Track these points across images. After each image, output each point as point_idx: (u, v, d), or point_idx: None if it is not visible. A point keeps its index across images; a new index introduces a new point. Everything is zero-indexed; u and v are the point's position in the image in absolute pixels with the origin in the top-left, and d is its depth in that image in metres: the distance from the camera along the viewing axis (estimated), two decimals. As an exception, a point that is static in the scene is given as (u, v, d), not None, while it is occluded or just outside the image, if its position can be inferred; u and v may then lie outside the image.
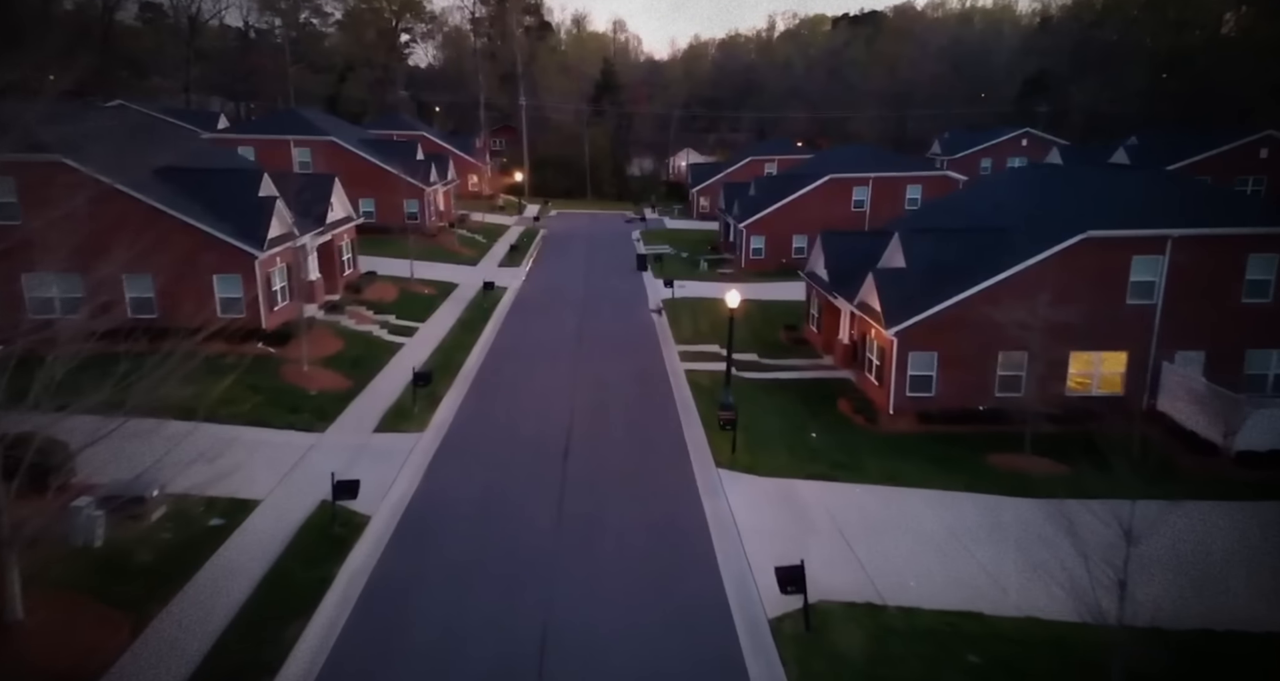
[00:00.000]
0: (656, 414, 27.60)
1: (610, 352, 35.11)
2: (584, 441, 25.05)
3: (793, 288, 50.30)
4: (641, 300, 46.68)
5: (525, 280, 51.50)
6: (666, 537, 19.31)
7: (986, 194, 37.29)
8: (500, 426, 26.23)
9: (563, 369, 32.60)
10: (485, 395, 29.16)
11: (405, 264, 46.08)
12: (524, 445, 24.66)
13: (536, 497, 21.22)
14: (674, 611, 16.27)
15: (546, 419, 26.82)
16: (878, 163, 59.18)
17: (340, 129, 61.74)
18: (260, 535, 18.56)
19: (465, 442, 24.85)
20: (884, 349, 28.70)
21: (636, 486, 22.03)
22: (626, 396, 29.31)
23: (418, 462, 23.11)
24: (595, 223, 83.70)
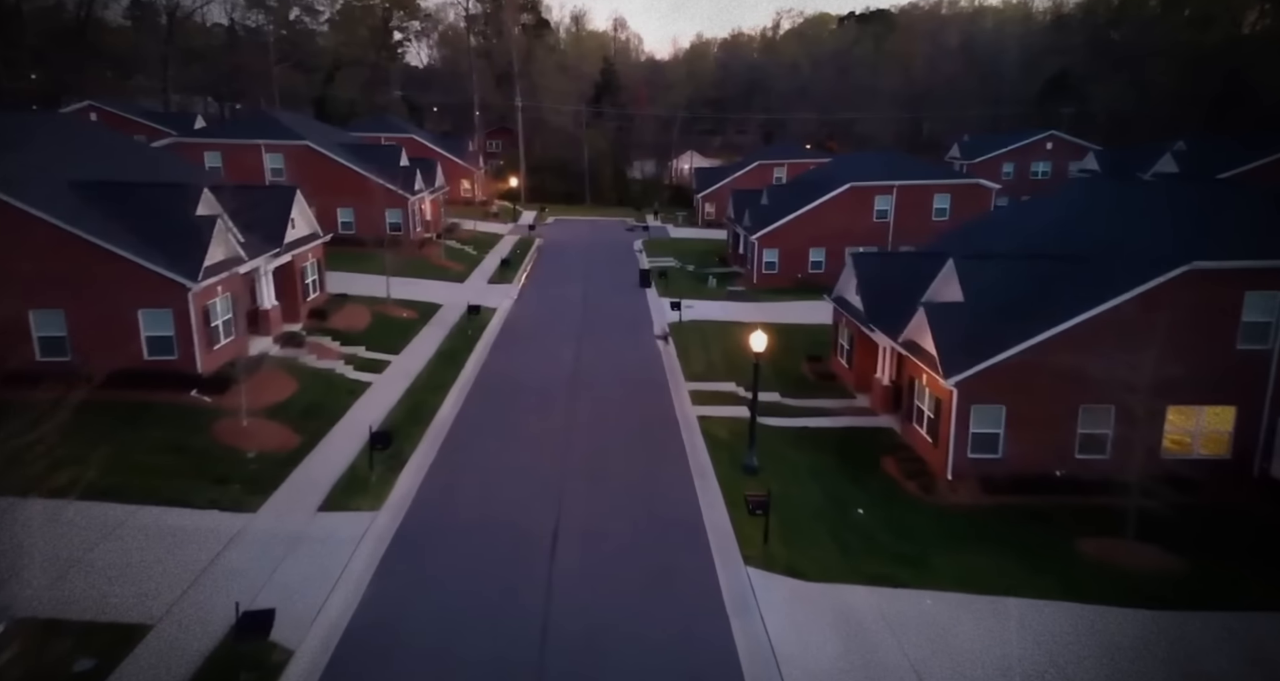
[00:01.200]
0: (667, 483, 22.73)
1: (611, 394, 30.29)
2: (577, 525, 20.24)
3: (812, 308, 45.60)
4: (645, 323, 41.90)
5: (517, 300, 46.70)
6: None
7: (1043, 212, 32.48)
8: (473, 502, 21.41)
9: (555, 417, 27.78)
10: (459, 456, 24.32)
11: (384, 282, 41.27)
12: (501, 531, 19.83)
13: (512, 617, 16.40)
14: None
15: (532, 491, 21.98)
16: (901, 169, 54.39)
17: (317, 132, 56.95)
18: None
19: (428, 528, 20.03)
20: (940, 400, 23.89)
21: (644, 594, 17.23)
22: (630, 457, 24.47)
23: (363, 564, 18.23)
24: (595, 231, 78.93)
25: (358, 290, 42.17)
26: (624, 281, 52.66)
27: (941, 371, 23.13)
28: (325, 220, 53.90)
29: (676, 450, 25.01)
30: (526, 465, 23.51)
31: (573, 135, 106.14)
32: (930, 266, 28.65)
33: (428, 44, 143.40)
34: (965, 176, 55.05)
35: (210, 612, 15.76)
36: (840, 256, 53.57)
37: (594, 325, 41.14)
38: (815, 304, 46.50)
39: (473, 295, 46.03)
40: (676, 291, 49.70)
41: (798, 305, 46.59)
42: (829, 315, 42.05)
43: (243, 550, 18.27)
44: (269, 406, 25.90)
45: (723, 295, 49.09)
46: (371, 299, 40.83)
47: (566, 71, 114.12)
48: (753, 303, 47.30)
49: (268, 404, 26.00)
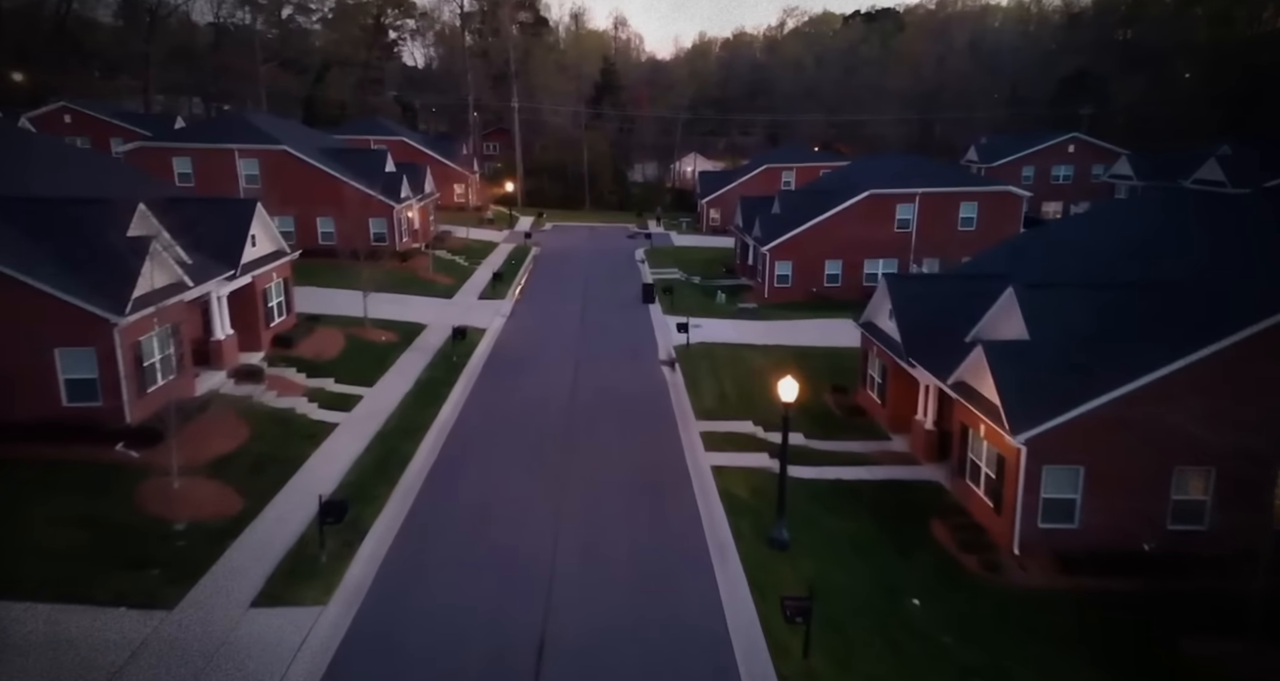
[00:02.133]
0: (681, 569, 18.70)
1: (611, 440, 26.43)
2: (570, 634, 16.39)
3: (831, 328, 41.86)
4: (649, 346, 38.09)
5: (509, 318, 42.87)
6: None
7: (1109, 227, 28.63)
8: (443, 590, 17.56)
9: (545, 472, 23.93)
10: (429, 525, 20.44)
11: (364, 299, 37.42)
12: (474, 638, 16.01)
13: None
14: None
15: (514, 581, 18.02)
16: (924, 175, 50.57)
17: (296, 136, 53.17)
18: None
19: (386, 628, 16.22)
20: (1004, 458, 20.07)
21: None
22: (635, 529, 20.49)
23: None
24: (594, 238, 75.12)
25: (333, 309, 38.41)
26: (626, 296, 48.85)
27: (1007, 425, 19.31)
28: (304, 231, 50.27)
29: (690, 517, 21.13)
30: (509, 544, 19.58)
31: (572, 137, 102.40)
32: (978, 292, 24.90)
33: (423, 43, 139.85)
34: (994, 183, 51.21)
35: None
36: (858, 269, 49.86)
37: (593, 349, 37.32)
38: (833, 323, 42.79)
39: (460, 313, 42.25)
40: (683, 308, 45.90)
41: (814, 324, 42.78)
42: (851, 336, 38.39)
43: (146, 667, 14.47)
44: (211, 460, 22.09)
45: (732, 312, 45.28)
46: (347, 320, 37.03)
47: (565, 71, 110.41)
48: (765, 321, 43.50)
49: (210, 457, 22.20)
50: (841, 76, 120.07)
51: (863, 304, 49.62)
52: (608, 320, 42.98)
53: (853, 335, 39.71)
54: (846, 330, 41.12)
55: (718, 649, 15.65)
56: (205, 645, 15.26)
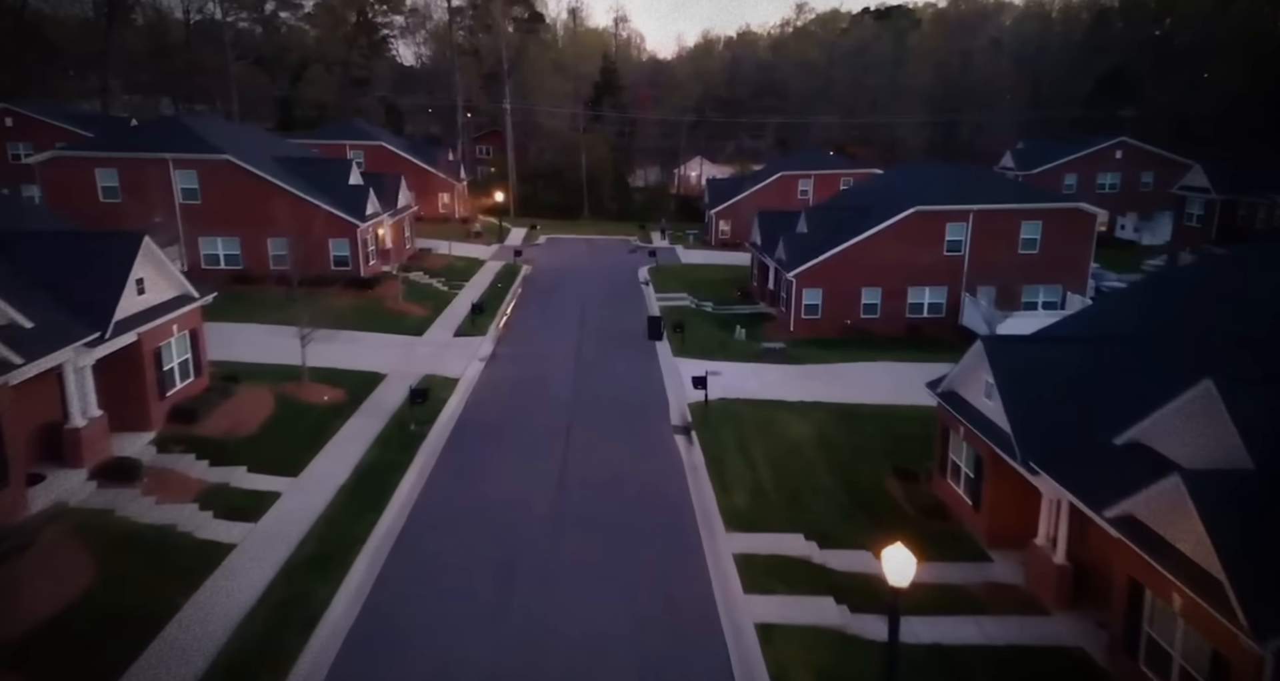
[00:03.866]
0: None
1: (610, 567, 19.12)
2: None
3: (877, 375, 34.78)
4: (659, 404, 30.88)
5: (488, 364, 35.61)
6: None
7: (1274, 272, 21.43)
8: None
9: (514, 628, 16.71)
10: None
11: (308, 342, 30.17)
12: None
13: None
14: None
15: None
16: (977, 188, 43.32)
17: (246, 143, 45.98)
18: None
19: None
20: (1228, 660, 12.84)
21: None
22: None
23: None
24: (593, 253, 67.91)
25: (269, 356, 31.29)
26: (628, 330, 41.62)
27: (1244, 620, 12.07)
28: (252, 254, 43.04)
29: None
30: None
31: (569, 141, 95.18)
32: (1113, 361, 17.79)
33: (414, 41, 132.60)
34: (1061, 198, 43.89)
35: None
36: (900, 299, 42.67)
37: (589, 410, 30.06)
38: (879, 369, 35.63)
39: (430, 357, 35.04)
40: (696, 345, 38.75)
41: (856, 370, 35.57)
42: (904, 387, 31.40)
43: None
44: (12, 639, 14.87)
45: (756, 353, 38.01)
46: (282, 372, 29.84)
47: (562, 70, 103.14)
48: (796, 365, 36.27)
49: (11, 633, 14.98)
50: (854, 76, 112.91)
51: (907, 341, 41.56)
52: (607, 365, 35.75)
53: (906, 385, 32.63)
54: (896, 377, 34.06)
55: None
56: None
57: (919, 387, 32.85)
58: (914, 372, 34.79)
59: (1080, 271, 42.17)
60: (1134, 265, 58.05)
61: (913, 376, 34.32)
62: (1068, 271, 42.01)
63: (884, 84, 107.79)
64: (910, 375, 34.47)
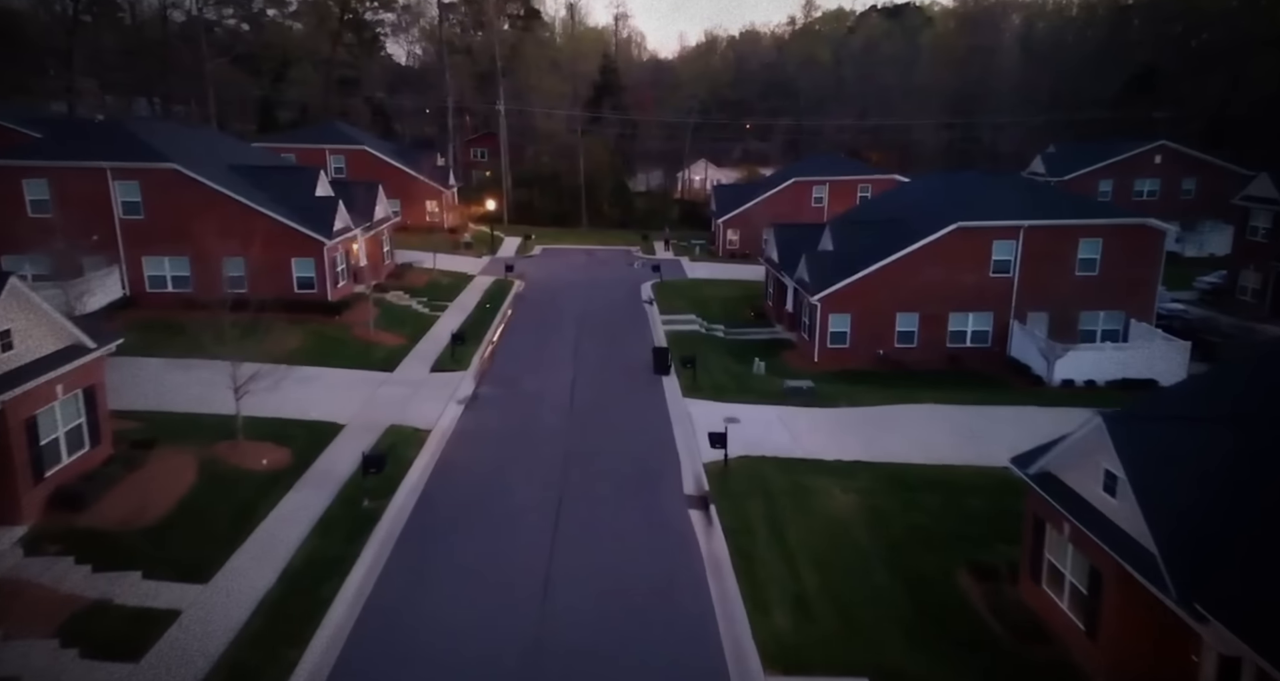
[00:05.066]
0: None
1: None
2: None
3: (923, 422, 29.66)
4: (668, 464, 25.73)
5: (467, 409, 30.39)
6: None
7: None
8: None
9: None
10: None
11: (254, 378, 24.97)
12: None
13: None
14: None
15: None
16: (1027, 201, 38.15)
17: (199, 149, 40.89)
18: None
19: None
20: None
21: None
22: None
23: None
24: (592, 266, 62.81)
25: (206, 403, 26.26)
26: (631, 362, 36.54)
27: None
28: (203, 275, 37.80)
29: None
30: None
31: (567, 144, 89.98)
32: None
33: (407, 40, 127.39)
34: (1124, 214, 38.67)
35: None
36: (940, 326, 37.55)
37: (583, 475, 24.91)
38: (923, 414, 30.44)
39: (400, 400, 29.87)
40: (709, 382, 33.68)
41: (899, 416, 30.37)
42: (957, 439, 26.51)
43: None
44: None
45: (779, 392, 32.84)
46: (215, 426, 24.75)
47: (560, 70, 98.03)
48: (827, 409, 31.12)
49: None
50: (865, 76, 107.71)
51: (949, 375, 35.84)
52: (607, 410, 30.59)
53: (960, 436, 27.62)
54: (946, 425, 28.93)
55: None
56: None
57: (976, 440, 27.83)
58: (965, 419, 29.83)
59: (1146, 297, 37.09)
60: (1184, 282, 52.96)
61: (964, 424, 29.35)
62: (1131, 296, 36.94)
63: (897, 84, 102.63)
64: (961, 422, 29.50)
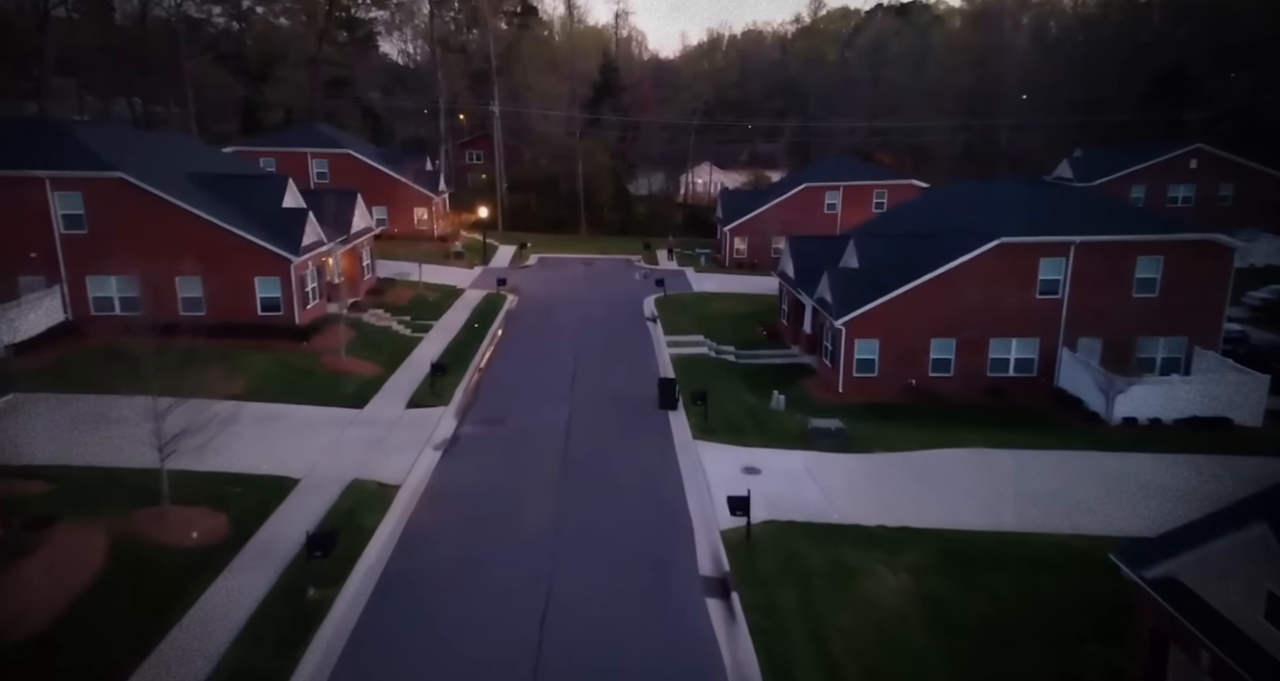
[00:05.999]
0: None
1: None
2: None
3: (965, 466, 25.64)
4: (680, 537, 21.66)
5: (445, 455, 26.32)
6: None
7: None
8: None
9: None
10: None
11: (206, 421, 20.88)
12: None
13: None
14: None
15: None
16: (1081, 215, 34.11)
17: (154, 156, 36.92)
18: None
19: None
20: None
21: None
22: None
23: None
24: (591, 278, 58.82)
25: (138, 456, 22.11)
26: (634, 394, 32.54)
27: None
28: (156, 298, 33.69)
29: None
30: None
31: (565, 146, 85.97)
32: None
33: (401, 38, 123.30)
34: (1186, 227, 34.55)
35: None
36: (980, 354, 33.54)
37: (580, 544, 20.84)
38: (972, 460, 26.34)
39: (366, 446, 25.75)
40: (723, 419, 29.64)
41: (943, 463, 26.28)
42: (1019, 496, 22.48)
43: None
44: None
45: (802, 432, 28.76)
46: (133, 487, 20.70)
47: (558, 69, 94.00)
48: (860, 455, 27.07)
49: None
50: (875, 76, 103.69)
51: (991, 409, 31.76)
52: (607, 458, 26.49)
53: (1021, 491, 23.55)
54: (1001, 476, 24.85)
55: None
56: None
57: (1037, 496, 23.87)
58: (1019, 467, 25.78)
59: (1212, 321, 33.12)
60: (1231, 297, 48.85)
61: (1020, 474, 25.28)
62: (1195, 321, 32.98)
63: (908, 84, 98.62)
64: (1015, 472, 25.48)
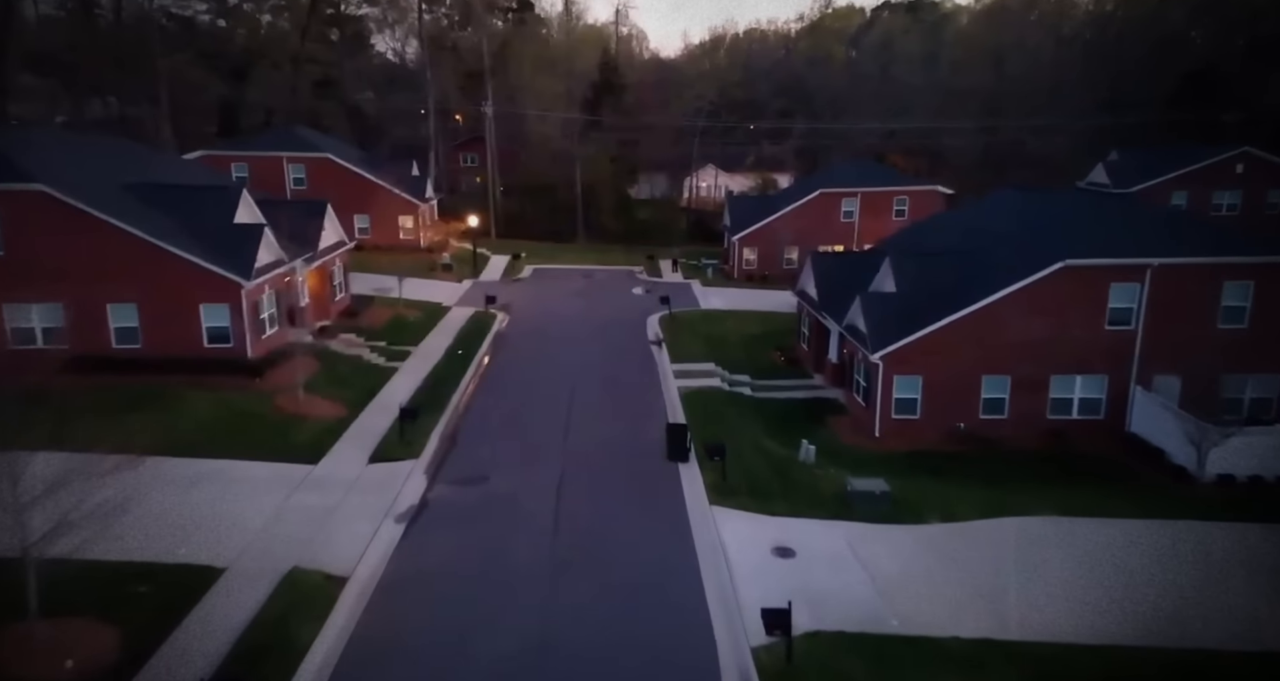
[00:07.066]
0: None
1: None
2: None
3: (1031, 539, 20.92)
4: (699, 648, 17.06)
5: (405, 538, 21.44)
6: None
7: None
8: None
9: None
10: None
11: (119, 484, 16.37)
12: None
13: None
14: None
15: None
16: (1156, 234, 29.58)
17: (85, 166, 32.37)
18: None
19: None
20: None
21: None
22: None
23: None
24: (589, 293, 54.30)
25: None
26: (640, 440, 27.98)
27: None
28: (84, 327, 29.28)
29: None
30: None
31: (563, 150, 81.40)
32: None
33: (392, 37, 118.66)
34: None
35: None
36: (1039, 393, 28.86)
37: (571, 673, 16.33)
38: (1044, 531, 21.56)
39: (314, 518, 20.99)
40: (743, 477, 25.09)
41: (1009, 534, 21.65)
42: (1124, 590, 17.80)
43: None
44: None
45: (840, 495, 24.20)
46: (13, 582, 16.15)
47: (556, 68, 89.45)
48: (914, 526, 22.51)
49: None
50: (885, 75, 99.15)
51: (1054, 459, 26.88)
52: (606, 537, 21.81)
53: (1110, 577, 18.79)
54: (1081, 556, 20.07)
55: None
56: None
57: (1145, 592, 18.93)
58: (1110, 542, 21.09)
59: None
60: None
61: (1115, 555, 20.38)
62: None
63: (921, 84, 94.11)
64: (1102, 549, 20.86)
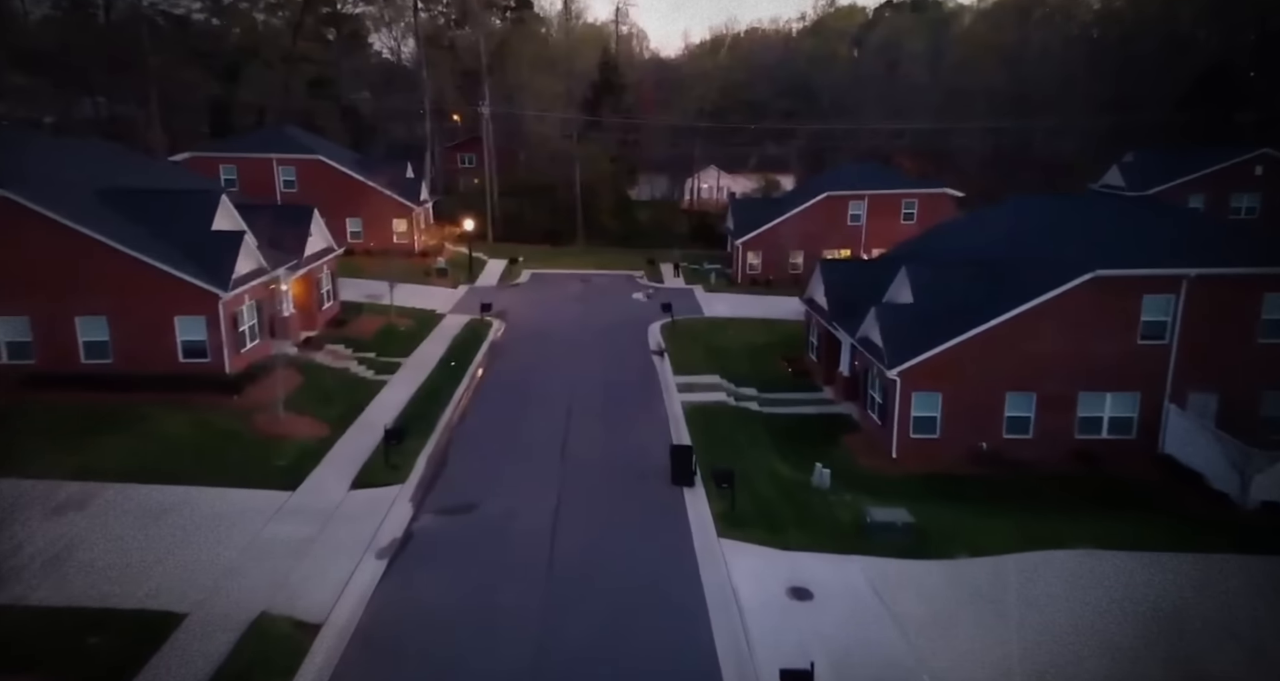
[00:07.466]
0: None
1: None
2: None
3: (1069, 577, 19.04)
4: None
5: (386, 578, 19.65)
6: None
7: None
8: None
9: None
10: None
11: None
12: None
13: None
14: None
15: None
16: (1190, 242, 27.85)
17: (58, 170, 30.63)
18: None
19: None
20: None
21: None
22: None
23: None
24: (590, 298, 52.58)
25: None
26: (641, 462, 26.22)
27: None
28: (52, 340, 27.62)
29: None
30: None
31: (562, 150, 79.63)
32: None
33: (390, 36, 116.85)
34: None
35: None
36: (1066, 411, 26.98)
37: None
38: (1080, 566, 19.73)
39: (287, 553, 19.10)
40: (753, 505, 23.35)
41: (1046, 577, 19.82)
42: (1170, 641, 15.64)
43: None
44: None
45: (857, 526, 22.46)
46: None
47: (555, 68, 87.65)
48: (940, 561, 20.77)
49: None
50: (890, 75, 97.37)
51: (1084, 482, 24.95)
52: (607, 571, 20.06)
53: (1154, 621, 16.78)
54: (1123, 598, 18.16)
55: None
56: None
57: (1204, 642, 17.18)
58: (1151, 580, 19.26)
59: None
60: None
61: (1160, 597, 18.58)
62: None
63: (927, 83, 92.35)
64: (1151, 590, 19.01)
